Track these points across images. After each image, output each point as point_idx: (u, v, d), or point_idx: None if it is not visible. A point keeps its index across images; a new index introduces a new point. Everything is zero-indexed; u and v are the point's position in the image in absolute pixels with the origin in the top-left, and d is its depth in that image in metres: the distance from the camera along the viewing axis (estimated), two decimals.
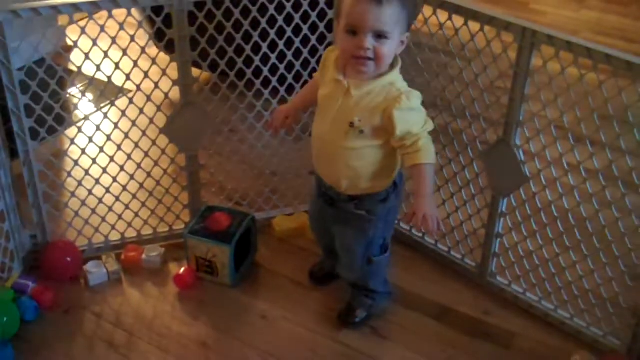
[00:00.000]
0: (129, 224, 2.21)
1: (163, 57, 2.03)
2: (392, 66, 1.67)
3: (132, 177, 2.15)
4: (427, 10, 1.95)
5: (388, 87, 1.64)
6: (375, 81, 1.64)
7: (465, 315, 2.03)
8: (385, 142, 1.68)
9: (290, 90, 2.18)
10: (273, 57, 2.11)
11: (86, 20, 1.89)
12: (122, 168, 2.12)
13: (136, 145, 2.10)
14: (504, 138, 1.88)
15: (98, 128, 2.04)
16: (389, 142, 1.68)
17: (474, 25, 1.84)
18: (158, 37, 2.08)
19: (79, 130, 2.04)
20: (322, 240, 2.04)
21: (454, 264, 2.17)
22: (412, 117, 1.64)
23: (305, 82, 2.14)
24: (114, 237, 2.21)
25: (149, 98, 2.03)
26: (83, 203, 2.13)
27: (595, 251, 1.84)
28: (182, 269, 2.10)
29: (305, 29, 2.07)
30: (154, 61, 2.00)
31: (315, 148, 1.79)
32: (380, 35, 1.57)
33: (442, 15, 1.91)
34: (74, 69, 2.02)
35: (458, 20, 1.87)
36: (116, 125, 2.05)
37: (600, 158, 1.73)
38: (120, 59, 1.94)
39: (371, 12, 1.54)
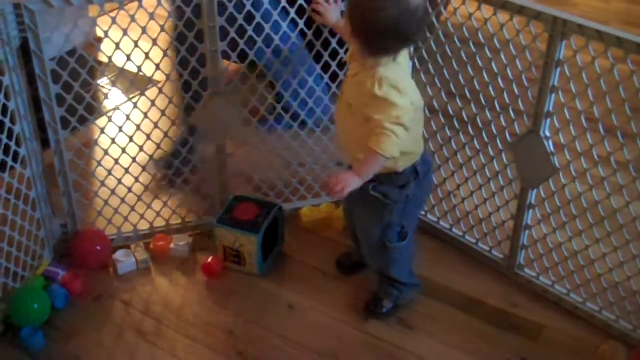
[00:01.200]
0: (158, 214, 2.23)
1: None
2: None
3: None
4: (456, 1, 1.94)
5: (370, 69, 1.67)
6: (362, 66, 1.69)
7: (493, 307, 2.02)
8: None
9: (318, 80, 2.18)
10: (304, 45, 2.11)
11: (117, 10, 1.90)
12: (151, 157, 2.14)
13: (165, 134, 2.12)
14: (533, 129, 1.86)
15: (128, 118, 2.06)
16: None
17: (504, 16, 1.83)
18: (189, 27, 2.08)
19: (109, 120, 2.06)
20: (349, 223, 2.04)
21: (482, 256, 2.16)
22: (376, 103, 1.65)
23: (334, 72, 2.15)
24: (143, 226, 2.23)
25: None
26: (113, 192, 2.15)
27: (625, 243, 1.82)
28: (210, 258, 2.11)
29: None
30: (183, 51, 2.00)
31: (337, 127, 1.89)
32: None
33: (472, 5, 1.89)
34: (105, 59, 2.04)
35: (488, 11, 1.86)
36: (146, 115, 2.07)
37: (631, 149, 1.71)
38: (150, 49, 1.95)
39: None
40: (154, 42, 1.95)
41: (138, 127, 2.08)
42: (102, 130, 2.07)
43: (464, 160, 2.12)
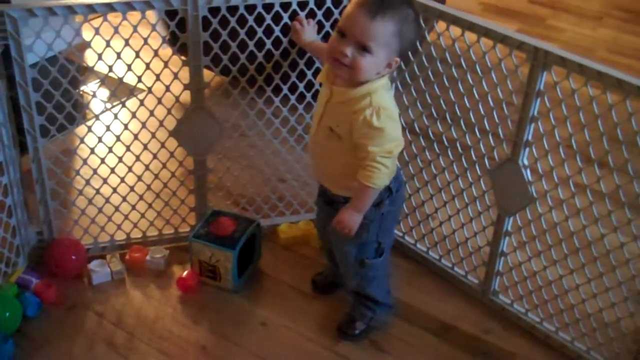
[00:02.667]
0: (135, 225, 2.22)
1: (175, 60, 2.04)
2: (377, 79, 1.67)
3: (139, 178, 2.16)
4: (440, 25, 1.94)
5: (363, 97, 1.64)
6: (355, 89, 1.65)
7: (465, 333, 2.02)
8: None
9: (301, 98, 2.19)
10: (285, 65, 2.11)
11: (101, 19, 1.90)
12: (130, 169, 2.13)
13: (145, 146, 2.11)
14: (511, 157, 1.87)
15: (108, 128, 2.05)
16: None
17: (487, 42, 1.84)
18: (172, 40, 2.09)
19: (89, 129, 2.05)
20: (324, 241, 2.04)
21: (457, 280, 2.17)
22: (371, 134, 1.63)
23: (317, 91, 2.15)
24: (120, 236, 2.22)
25: (159, 100, 2.04)
26: (90, 202, 2.15)
27: (598, 275, 1.83)
28: (185, 272, 2.11)
29: (318, 38, 2.07)
30: (166, 64, 2.00)
31: (310, 149, 1.85)
32: (363, 48, 1.58)
33: (456, 31, 1.90)
34: (87, 67, 2.04)
35: (471, 37, 1.87)
36: (126, 126, 2.06)
37: (607, 181, 1.72)
38: (133, 60, 1.95)
39: (361, 22, 1.57)
40: (137, 53, 1.95)
41: (118, 138, 2.08)
42: (82, 140, 2.07)
43: (442, 184, 2.13)
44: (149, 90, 2.03)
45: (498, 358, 1.95)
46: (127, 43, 1.93)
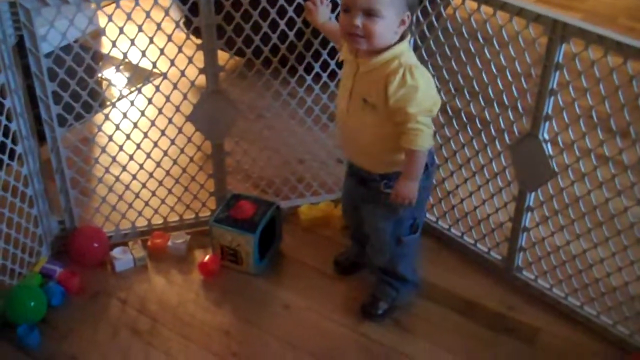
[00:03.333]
0: (156, 211, 2.23)
1: (190, 44, 2.03)
2: (401, 39, 1.67)
3: (158, 164, 2.16)
4: (456, 0, 1.91)
5: (391, 61, 1.65)
6: (380, 56, 1.65)
7: (489, 310, 2.01)
8: None
9: (317, 78, 2.17)
10: (300, 45, 2.10)
11: (114, 6, 1.89)
12: (148, 155, 2.13)
13: (162, 132, 2.11)
14: (531, 132, 1.85)
15: (125, 115, 2.05)
16: None
17: (504, 15, 1.81)
18: (185, 24, 2.08)
19: (106, 117, 2.05)
20: (351, 221, 2.03)
21: (480, 257, 2.15)
22: (407, 94, 1.63)
23: (333, 71, 2.14)
24: (141, 223, 2.23)
25: (175, 85, 2.04)
26: (110, 189, 2.15)
27: (623, 248, 1.80)
28: (207, 257, 2.11)
29: (332, 18, 2.05)
30: (180, 48, 1.99)
31: (339, 129, 1.84)
32: (369, 13, 1.59)
33: (472, 5, 1.87)
34: (102, 55, 2.03)
35: (487, 10, 1.83)
36: (143, 113, 2.06)
37: (629, 152, 1.69)
38: (147, 46, 1.94)
39: None
40: (151, 39, 1.94)
41: (135, 125, 2.08)
42: (99, 128, 2.07)
43: (462, 161, 2.11)
44: (164, 75, 2.02)
45: (523, 334, 1.93)
46: (140, 29, 1.92)
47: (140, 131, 2.09)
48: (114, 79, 2.11)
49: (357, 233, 2.02)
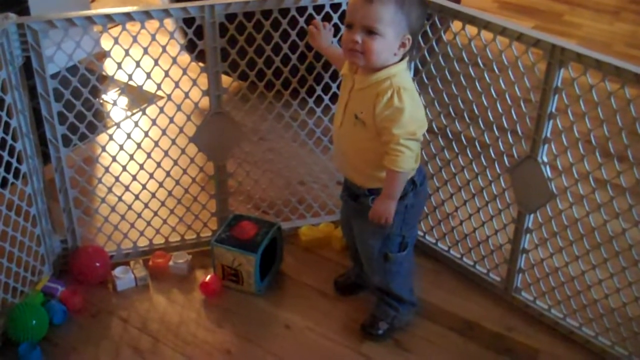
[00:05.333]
0: (157, 231, 2.24)
1: (194, 67, 2.06)
2: (396, 62, 1.70)
3: (161, 184, 2.18)
4: (456, 25, 1.95)
5: (384, 80, 1.68)
6: (375, 74, 1.69)
7: (489, 331, 2.02)
8: None
9: (319, 101, 2.20)
10: (302, 69, 2.13)
11: (119, 29, 1.92)
12: (151, 175, 2.15)
13: (166, 153, 2.13)
14: (530, 154, 1.87)
15: (129, 136, 2.07)
16: None
17: (504, 40, 1.84)
18: (190, 47, 2.11)
19: (110, 137, 2.07)
20: (348, 238, 2.05)
21: (479, 278, 2.17)
22: (393, 115, 1.66)
23: (334, 94, 2.16)
24: (142, 243, 2.25)
25: (179, 107, 2.06)
26: (113, 209, 2.17)
27: (621, 270, 1.82)
28: (208, 277, 2.12)
29: (334, 42, 2.09)
30: (184, 71, 2.02)
31: (334, 142, 1.87)
32: (370, 31, 1.63)
33: (472, 30, 1.91)
34: (108, 74, 2.06)
35: (487, 36, 1.87)
36: (146, 134, 2.08)
37: (627, 175, 1.72)
38: (152, 68, 1.97)
39: (361, 9, 1.63)
40: (156, 61, 1.97)
41: (139, 145, 2.10)
42: (103, 148, 2.09)
43: (462, 183, 2.13)
44: (169, 97, 2.05)
45: (522, 355, 1.95)
46: (146, 51, 1.96)
47: (144, 152, 2.11)
48: (118, 100, 2.13)
49: (355, 252, 2.04)
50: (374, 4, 1.61)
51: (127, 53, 1.94)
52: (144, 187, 2.17)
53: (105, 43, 1.96)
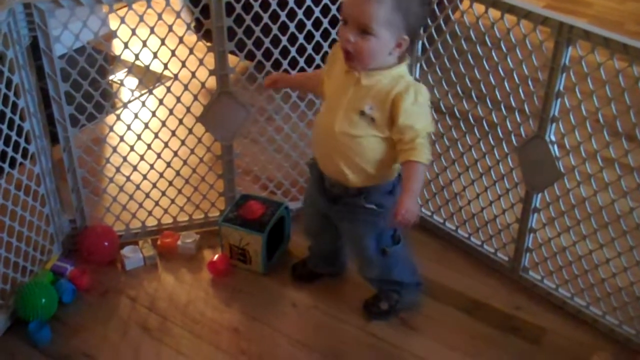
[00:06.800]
0: (165, 211, 2.25)
1: (200, 46, 2.06)
2: (400, 60, 1.67)
3: (168, 164, 2.19)
4: (464, 4, 1.94)
5: (397, 79, 1.64)
6: (385, 71, 1.64)
7: (496, 310, 2.03)
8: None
9: None
10: (309, 48, 2.12)
11: (126, 9, 1.92)
12: (159, 155, 2.16)
13: (173, 133, 2.13)
14: (538, 133, 1.87)
15: (136, 116, 2.08)
16: None
17: (512, 18, 1.83)
18: (196, 27, 2.10)
19: (118, 117, 2.08)
20: (318, 239, 2.03)
21: (487, 258, 2.17)
22: (417, 112, 1.63)
23: None
24: (151, 222, 2.26)
25: (186, 87, 2.06)
26: (121, 189, 2.18)
27: (628, 249, 1.82)
28: (216, 256, 2.13)
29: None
30: (191, 50, 2.02)
31: (319, 143, 1.79)
32: (364, 31, 1.56)
33: (479, 9, 1.90)
34: (114, 56, 2.06)
35: (495, 14, 1.86)
36: (154, 114, 2.09)
37: (635, 154, 1.72)
38: (159, 48, 1.97)
39: (357, 5, 1.56)
40: (162, 41, 1.97)
41: (146, 125, 2.10)
42: (111, 128, 2.10)
43: (469, 162, 2.13)
44: (175, 77, 2.05)
45: (529, 334, 1.95)
46: (152, 31, 1.95)
47: (151, 132, 2.12)
48: (125, 80, 2.14)
49: (318, 249, 2.05)
50: (371, 2, 1.54)
51: (133, 32, 1.93)
52: (151, 167, 2.18)
53: (112, 23, 1.96)
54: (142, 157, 2.15)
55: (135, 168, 2.16)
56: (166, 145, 2.15)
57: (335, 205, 1.81)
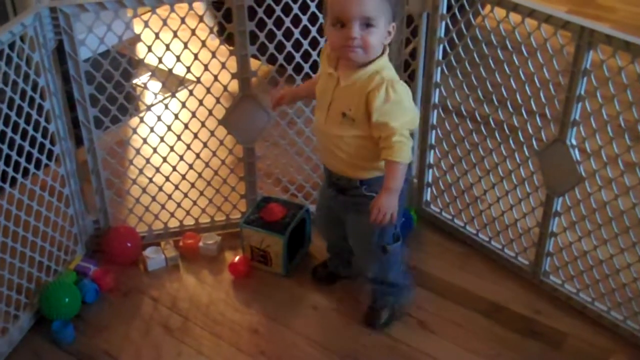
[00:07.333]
0: (188, 212, 2.28)
1: (223, 50, 2.08)
2: (383, 50, 1.68)
3: (191, 166, 2.21)
4: (485, 8, 1.94)
5: (373, 75, 1.66)
6: (361, 70, 1.66)
7: (516, 314, 2.02)
8: None
9: None
10: None
11: (150, 13, 1.95)
12: (181, 158, 2.18)
13: (195, 135, 2.16)
14: (559, 137, 1.86)
15: (159, 118, 2.10)
16: None
17: (532, 23, 1.83)
18: (219, 31, 2.12)
19: (141, 120, 2.11)
20: (329, 236, 2.06)
21: (507, 262, 2.17)
22: (392, 109, 1.64)
23: None
24: (173, 224, 2.28)
25: (208, 90, 2.09)
26: (144, 190, 2.20)
27: None
28: (237, 258, 2.15)
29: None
30: (214, 54, 2.04)
31: (318, 139, 1.85)
32: (367, 24, 1.60)
33: (500, 13, 1.90)
34: (138, 60, 2.09)
35: (516, 18, 1.86)
36: (176, 116, 2.11)
37: None
38: (182, 51, 1.99)
39: (355, 2, 1.58)
40: (185, 45, 1.99)
41: (169, 128, 2.13)
42: (134, 130, 2.13)
43: (491, 166, 2.13)
44: (198, 80, 2.07)
45: (549, 338, 1.94)
46: (175, 35, 1.98)
47: (174, 134, 2.14)
48: (149, 83, 2.17)
49: (335, 248, 2.06)
50: None
51: (157, 36, 1.96)
52: (174, 169, 2.20)
53: (136, 27, 1.98)
54: (164, 159, 2.17)
55: (158, 170, 2.18)
56: (188, 147, 2.17)
57: (341, 196, 1.84)
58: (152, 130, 2.11)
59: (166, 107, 2.10)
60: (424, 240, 2.27)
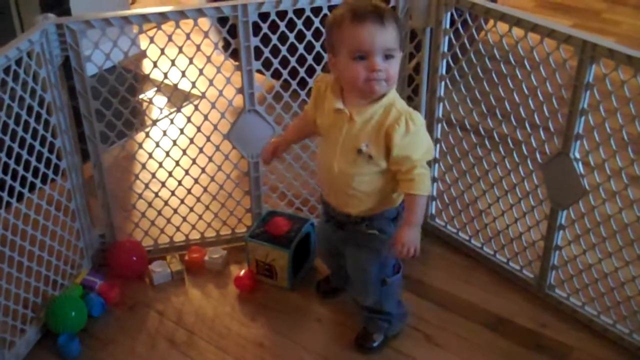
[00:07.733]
0: (193, 226, 2.29)
1: (228, 65, 2.10)
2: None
3: (196, 181, 2.22)
4: (488, 23, 1.95)
5: (389, 108, 1.64)
6: (375, 104, 1.64)
7: (521, 327, 2.02)
8: None
9: None
10: None
11: (155, 29, 1.96)
12: (187, 172, 2.20)
13: (201, 150, 2.17)
14: (563, 150, 1.87)
15: (165, 133, 2.12)
16: None
17: (535, 37, 1.84)
18: (224, 46, 2.14)
19: (147, 135, 2.12)
20: (332, 263, 2.07)
21: (513, 275, 2.17)
22: (412, 141, 1.62)
23: None
24: (179, 238, 2.29)
25: (213, 105, 2.10)
26: (150, 205, 2.22)
27: None
28: (243, 272, 2.16)
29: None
30: (219, 69, 2.06)
31: (323, 177, 1.80)
32: (388, 56, 1.59)
33: (503, 28, 1.91)
34: (144, 75, 2.11)
35: (519, 33, 1.87)
36: (182, 131, 2.13)
37: None
38: (187, 67, 2.01)
39: (378, 34, 1.56)
40: (190, 60, 2.01)
41: (174, 142, 2.14)
42: (140, 145, 2.14)
43: (495, 180, 2.13)
44: (203, 95, 2.09)
45: (555, 352, 1.94)
46: (181, 50, 1.99)
47: (180, 149, 2.16)
48: (154, 98, 2.19)
49: (337, 272, 2.06)
50: (388, 28, 1.57)
51: (162, 52, 1.98)
52: (179, 183, 2.21)
53: (142, 43, 2.00)
54: (170, 174, 2.19)
55: (163, 184, 2.20)
56: (194, 162, 2.19)
57: (340, 231, 1.84)
58: (157, 144, 2.13)
59: (172, 122, 2.11)
60: (429, 253, 2.27)
